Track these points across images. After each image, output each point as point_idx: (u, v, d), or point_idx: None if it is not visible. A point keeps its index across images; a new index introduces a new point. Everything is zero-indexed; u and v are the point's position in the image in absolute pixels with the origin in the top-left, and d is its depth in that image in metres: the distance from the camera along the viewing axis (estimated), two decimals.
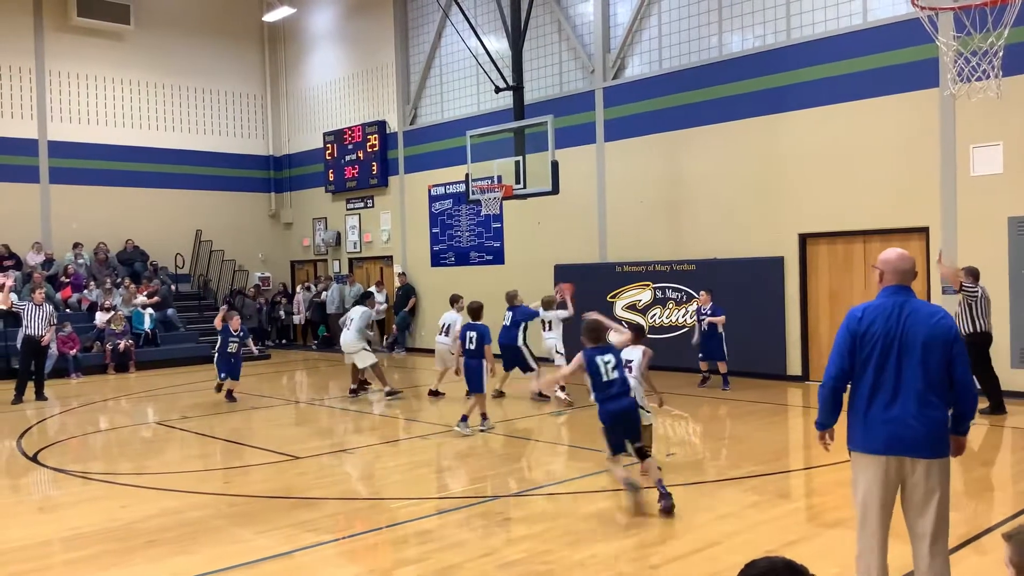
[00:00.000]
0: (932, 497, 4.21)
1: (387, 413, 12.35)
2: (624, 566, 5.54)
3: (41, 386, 14.09)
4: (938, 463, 4.23)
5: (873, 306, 4.38)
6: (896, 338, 4.25)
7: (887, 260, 4.42)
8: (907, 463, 4.22)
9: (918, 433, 4.18)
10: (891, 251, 4.46)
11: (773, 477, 7.85)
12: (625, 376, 7.05)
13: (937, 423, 4.22)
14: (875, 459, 4.28)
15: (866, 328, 4.32)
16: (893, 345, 4.25)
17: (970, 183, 11.89)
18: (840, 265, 13.43)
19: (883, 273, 4.43)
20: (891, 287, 4.38)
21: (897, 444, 4.21)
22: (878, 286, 4.47)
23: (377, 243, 21.67)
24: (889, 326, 4.27)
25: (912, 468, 4.22)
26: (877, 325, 4.30)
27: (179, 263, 22.17)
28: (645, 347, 7.87)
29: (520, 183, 14.27)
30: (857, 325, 4.36)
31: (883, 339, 4.26)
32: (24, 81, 20.36)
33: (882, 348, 4.26)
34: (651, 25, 15.83)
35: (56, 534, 6.60)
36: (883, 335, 4.27)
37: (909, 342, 4.22)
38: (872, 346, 4.29)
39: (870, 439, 4.30)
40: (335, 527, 6.70)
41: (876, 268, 4.48)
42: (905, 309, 4.29)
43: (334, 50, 22.74)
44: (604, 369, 6.83)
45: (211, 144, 23.23)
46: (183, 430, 11.10)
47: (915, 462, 4.21)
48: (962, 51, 9.34)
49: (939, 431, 4.23)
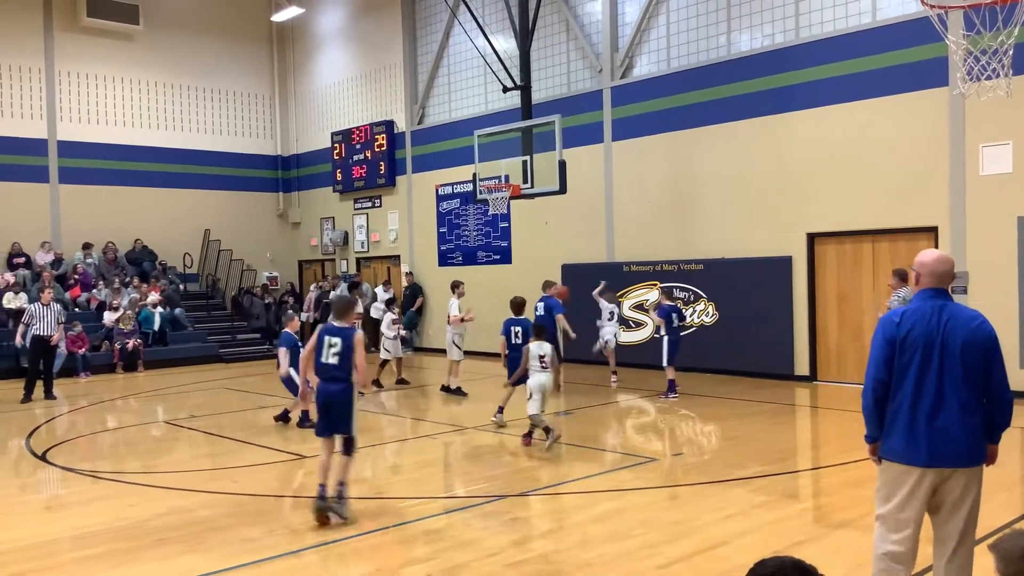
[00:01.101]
0: (964, 504, 4.17)
1: (395, 412, 12.36)
2: (631, 565, 5.53)
3: (50, 385, 14.16)
4: (974, 471, 4.19)
5: (911, 310, 4.24)
6: (937, 343, 4.13)
7: (924, 263, 4.28)
8: (945, 472, 4.14)
9: (960, 443, 4.11)
10: (928, 252, 4.33)
11: (781, 477, 7.84)
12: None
13: (977, 431, 4.17)
14: (916, 471, 4.15)
15: (906, 333, 4.18)
16: (934, 350, 4.13)
17: (979, 182, 11.84)
18: (849, 265, 13.39)
19: (919, 275, 4.30)
20: (929, 290, 4.26)
21: (941, 456, 4.12)
22: (914, 288, 4.37)
23: (385, 243, 21.70)
24: (930, 330, 4.15)
25: (949, 476, 4.14)
26: (917, 330, 4.17)
27: (187, 262, 22.25)
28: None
29: (528, 182, 14.27)
30: (896, 331, 4.21)
31: (924, 344, 4.14)
32: (34, 81, 20.45)
33: (923, 354, 4.14)
34: (659, 24, 15.81)
35: (65, 532, 6.63)
36: (924, 340, 4.14)
37: (950, 347, 4.11)
38: (913, 352, 4.16)
39: (913, 451, 4.16)
40: (343, 526, 6.70)
41: (912, 270, 4.37)
42: (944, 313, 4.17)
43: (342, 50, 22.78)
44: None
45: (219, 144, 23.29)
46: (191, 429, 11.13)
47: (953, 471, 4.13)
48: (972, 50, 9.29)
49: (978, 439, 4.18)
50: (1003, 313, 11.56)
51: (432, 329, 19.91)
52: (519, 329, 10.53)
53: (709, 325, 14.70)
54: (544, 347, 9.44)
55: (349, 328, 6.97)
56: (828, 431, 10.57)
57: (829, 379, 13.39)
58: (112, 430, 11.59)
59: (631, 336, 15.84)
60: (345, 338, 6.86)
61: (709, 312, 14.74)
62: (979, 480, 4.21)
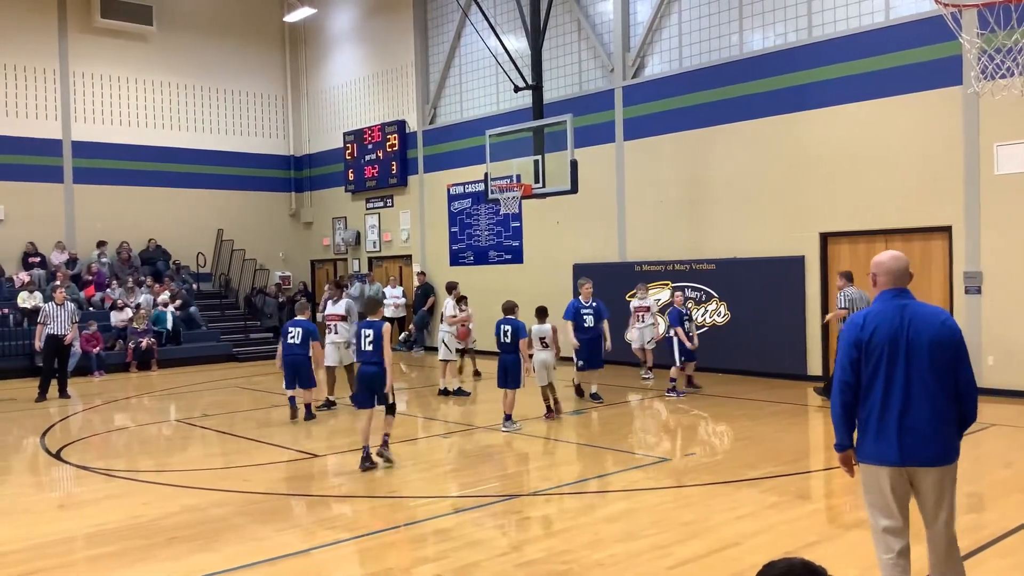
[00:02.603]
0: (943, 502, 4.18)
1: (405, 412, 12.39)
2: (643, 566, 5.53)
3: (64, 384, 14.25)
4: (949, 469, 4.19)
5: (874, 312, 4.24)
6: (902, 343, 4.13)
7: (880, 262, 4.31)
8: (919, 472, 4.15)
9: (931, 441, 4.11)
10: (883, 253, 4.35)
11: (793, 478, 7.81)
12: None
13: (949, 429, 4.16)
14: (889, 470, 4.17)
15: (869, 335, 4.18)
16: (899, 350, 4.13)
17: (994, 182, 11.76)
18: (862, 265, 13.30)
19: (877, 276, 4.31)
20: (888, 291, 4.26)
21: (913, 455, 4.12)
22: (872, 291, 4.36)
23: (396, 242, 21.74)
24: (894, 331, 4.15)
25: (924, 476, 4.15)
26: (881, 331, 4.16)
27: (201, 262, 22.36)
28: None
29: (539, 182, 14.27)
30: (860, 333, 4.21)
31: (889, 345, 4.14)
32: (48, 82, 20.59)
33: (889, 355, 4.14)
34: (671, 24, 15.77)
35: (79, 530, 6.68)
36: (889, 341, 4.14)
37: (915, 346, 4.11)
38: (880, 353, 4.15)
39: (883, 450, 4.17)
40: (354, 525, 6.73)
41: (870, 273, 4.37)
42: (907, 312, 4.17)
43: (354, 50, 22.83)
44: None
45: (232, 144, 23.40)
46: (204, 428, 11.19)
47: (928, 471, 4.14)
48: (986, 48, 9.24)
49: (949, 437, 4.17)
50: (1019, 313, 11.49)
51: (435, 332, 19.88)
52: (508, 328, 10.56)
53: (721, 325, 14.67)
54: (545, 329, 11.01)
55: (379, 322, 8.78)
56: None
57: None
58: (126, 429, 11.65)
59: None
60: (376, 330, 8.60)
61: (721, 312, 14.71)
62: (954, 477, 4.23)
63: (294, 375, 11.22)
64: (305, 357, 11.29)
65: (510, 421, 10.38)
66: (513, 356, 10.49)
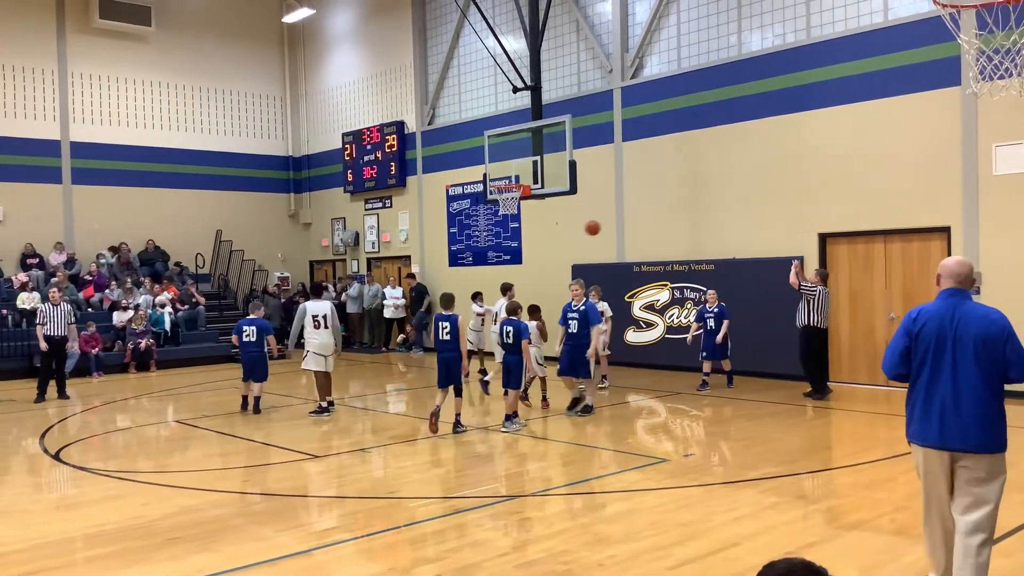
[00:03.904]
0: (982, 489, 4.44)
1: (406, 412, 12.38)
2: (642, 567, 5.53)
3: (63, 385, 14.24)
4: (990, 458, 4.46)
5: (928, 308, 4.68)
6: (949, 338, 4.52)
7: (945, 265, 4.74)
8: (961, 457, 4.48)
9: (971, 429, 4.43)
10: (950, 258, 4.82)
11: (792, 478, 7.82)
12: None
13: (990, 419, 4.45)
14: (931, 451, 4.56)
15: (919, 329, 4.62)
16: (946, 345, 4.53)
17: (992, 182, 11.77)
18: (861, 265, 13.34)
19: (940, 277, 4.73)
20: (947, 290, 4.67)
21: (953, 439, 4.47)
22: (937, 289, 4.77)
23: (395, 243, 21.74)
24: (942, 327, 4.55)
25: (964, 462, 4.48)
26: (930, 326, 4.59)
27: (199, 263, 22.35)
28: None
29: (538, 183, 14.27)
30: (911, 326, 4.67)
31: (936, 339, 4.56)
32: (47, 83, 20.58)
33: (936, 347, 4.55)
34: (670, 24, 15.78)
35: (79, 531, 6.67)
36: (936, 336, 4.56)
37: (962, 341, 4.48)
38: (926, 347, 4.58)
39: (926, 432, 4.57)
40: (354, 525, 6.73)
41: (937, 274, 4.78)
42: (958, 311, 4.55)
43: (353, 51, 22.83)
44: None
45: (231, 145, 23.39)
46: (203, 429, 11.18)
47: (967, 456, 4.46)
48: (984, 49, 9.25)
49: (991, 427, 4.45)
50: (1018, 314, 11.47)
51: None
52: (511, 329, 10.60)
53: None
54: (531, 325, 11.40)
55: (454, 315, 10.24)
56: (840, 432, 10.53)
57: (841, 380, 13.33)
58: (125, 429, 11.65)
59: (641, 336, 15.83)
60: (452, 322, 10.14)
61: None
62: (997, 467, 4.45)
63: (251, 370, 12.12)
64: (261, 354, 12.20)
65: (511, 421, 10.40)
66: (516, 357, 10.52)
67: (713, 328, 13.11)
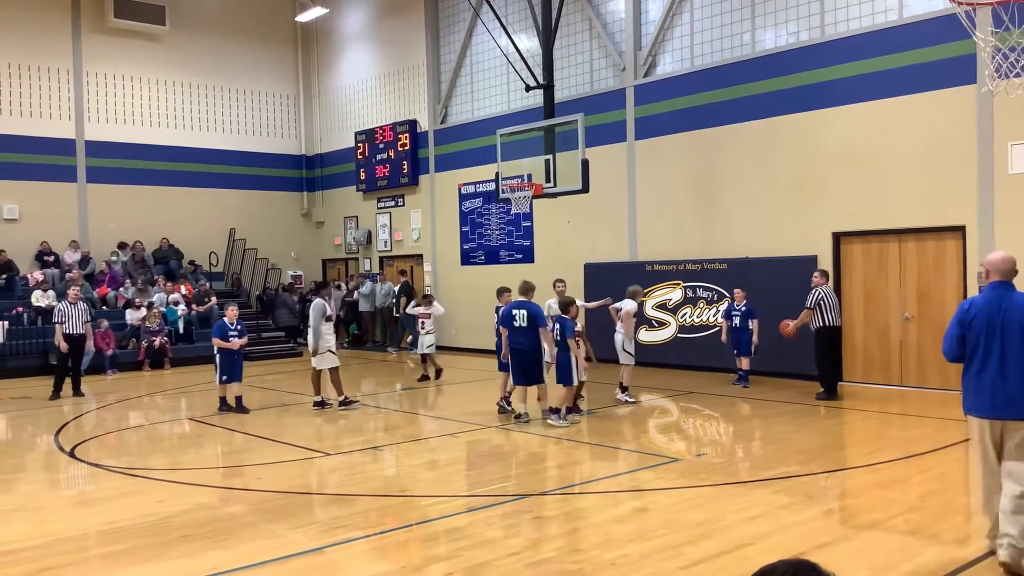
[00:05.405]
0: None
1: (417, 411, 12.40)
2: (654, 566, 5.52)
3: (78, 382, 14.33)
4: None
5: (979, 299, 5.39)
6: (998, 325, 5.23)
7: (991, 261, 5.43)
8: (1010, 425, 5.21)
9: (1017, 398, 5.16)
10: (995, 253, 5.48)
11: (805, 478, 7.78)
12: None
13: None
14: (984, 421, 5.30)
15: (971, 318, 5.33)
16: (996, 329, 5.24)
17: (1008, 181, 11.68)
18: (875, 264, 13.26)
19: (988, 271, 5.42)
20: (995, 282, 5.37)
21: (1002, 408, 5.22)
22: (984, 282, 5.46)
23: (407, 241, 21.78)
24: (991, 315, 5.26)
25: (1015, 430, 5.19)
26: (980, 315, 5.29)
27: (213, 261, 22.46)
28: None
29: (550, 182, 14.25)
30: (964, 315, 5.37)
31: (986, 327, 5.26)
32: (62, 82, 20.71)
33: (987, 334, 5.26)
34: (683, 22, 15.74)
35: (93, 528, 6.71)
36: (986, 323, 5.26)
37: (1009, 325, 5.20)
38: (978, 332, 5.29)
39: (979, 404, 5.31)
40: (366, 524, 6.74)
41: (983, 267, 5.44)
42: (1005, 301, 5.28)
43: (366, 50, 22.88)
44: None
45: (244, 144, 23.49)
46: (217, 426, 11.23)
47: (1015, 423, 5.19)
48: (1000, 47, 9.18)
49: None
50: None
51: (455, 329, 19.88)
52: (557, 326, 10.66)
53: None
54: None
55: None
56: (854, 432, 10.47)
57: (855, 379, 13.27)
58: (139, 427, 11.71)
59: (653, 336, 15.80)
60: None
61: None
62: None
63: (232, 370, 12.26)
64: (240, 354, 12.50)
65: (556, 415, 10.35)
66: (564, 354, 10.36)
67: (738, 326, 13.23)
